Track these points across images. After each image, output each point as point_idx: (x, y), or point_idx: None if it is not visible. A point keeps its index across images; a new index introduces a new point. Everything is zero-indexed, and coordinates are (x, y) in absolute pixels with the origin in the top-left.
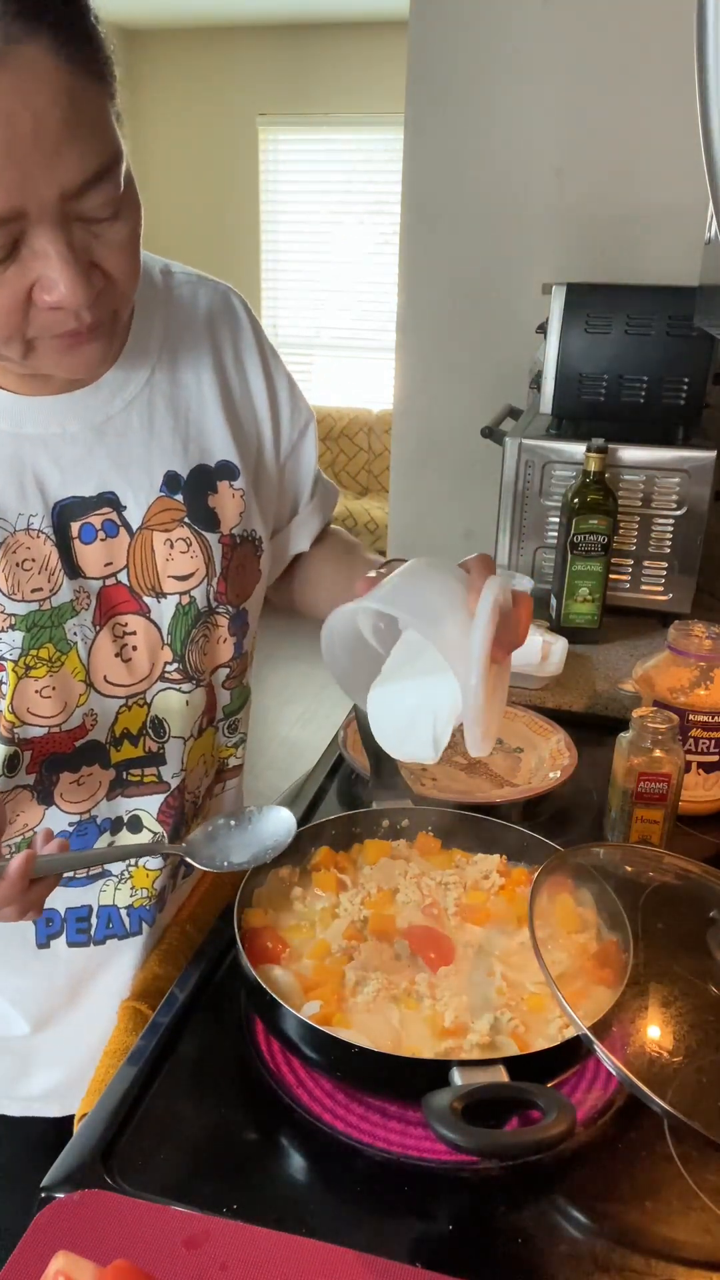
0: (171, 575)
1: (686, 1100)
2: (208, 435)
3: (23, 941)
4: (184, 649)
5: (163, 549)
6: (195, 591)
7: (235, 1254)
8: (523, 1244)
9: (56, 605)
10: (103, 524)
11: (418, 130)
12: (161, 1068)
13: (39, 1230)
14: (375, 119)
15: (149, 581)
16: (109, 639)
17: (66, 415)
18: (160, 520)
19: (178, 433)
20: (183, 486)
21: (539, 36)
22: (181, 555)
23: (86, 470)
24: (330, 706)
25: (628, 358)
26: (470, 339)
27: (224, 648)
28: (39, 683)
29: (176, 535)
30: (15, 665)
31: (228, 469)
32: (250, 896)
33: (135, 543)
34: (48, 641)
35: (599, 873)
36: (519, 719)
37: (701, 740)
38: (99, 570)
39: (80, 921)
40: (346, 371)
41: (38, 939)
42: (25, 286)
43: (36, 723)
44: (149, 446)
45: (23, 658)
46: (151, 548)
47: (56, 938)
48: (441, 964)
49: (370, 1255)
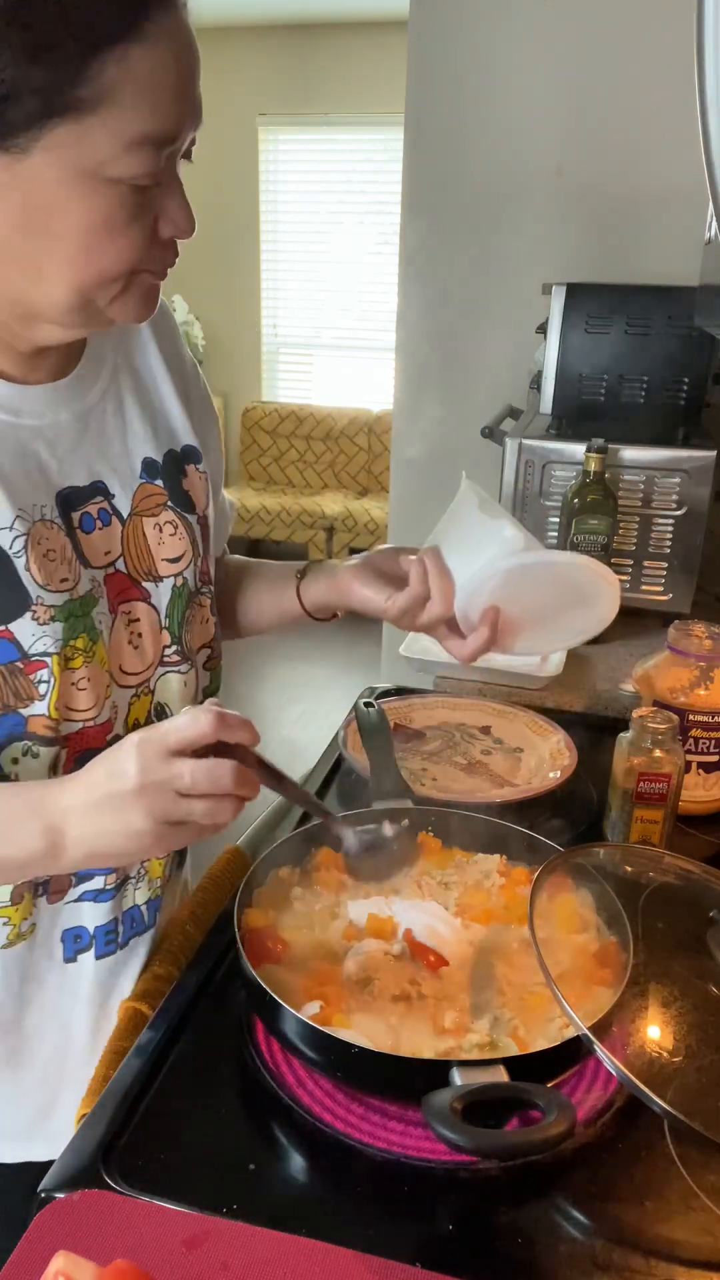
0: (164, 558)
1: (686, 1100)
2: (171, 421)
3: (48, 962)
4: (180, 630)
5: (153, 533)
6: (186, 573)
7: (235, 1254)
8: (523, 1244)
9: (81, 595)
10: (98, 513)
11: (418, 130)
12: (161, 1068)
13: (39, 1230)
14: (375, 119)
15: (145, 566)
16: (122, 627)
17: (57, 405)
18: (146, 506)
19: (146, 420)
20: (160, 472)
21: (538, 37)
22: (171, 538)
23: (78, 460)
24: (330, 706)
25: (628, 358)
26: (470, 339)
27: (207, 627)
28: (76, 674)
29: (164, 519)
30: (58, 657)
31: (192, 453)
32: (250, 896)
33: (128, 530)
34: (82, 631)
35: (599, 873)
36: (519, 719)
37: (701, 740)
38: (101, 560)
39: (109, 935)
40: (346, 371)
41: (65, 956)
42: (153, 219)
43: (75, 718)
44: (124, 435)
45: (63, 648)
46: (143, 533)
47: (85, 952)
48: (441, 965)
49: (370, 1255)
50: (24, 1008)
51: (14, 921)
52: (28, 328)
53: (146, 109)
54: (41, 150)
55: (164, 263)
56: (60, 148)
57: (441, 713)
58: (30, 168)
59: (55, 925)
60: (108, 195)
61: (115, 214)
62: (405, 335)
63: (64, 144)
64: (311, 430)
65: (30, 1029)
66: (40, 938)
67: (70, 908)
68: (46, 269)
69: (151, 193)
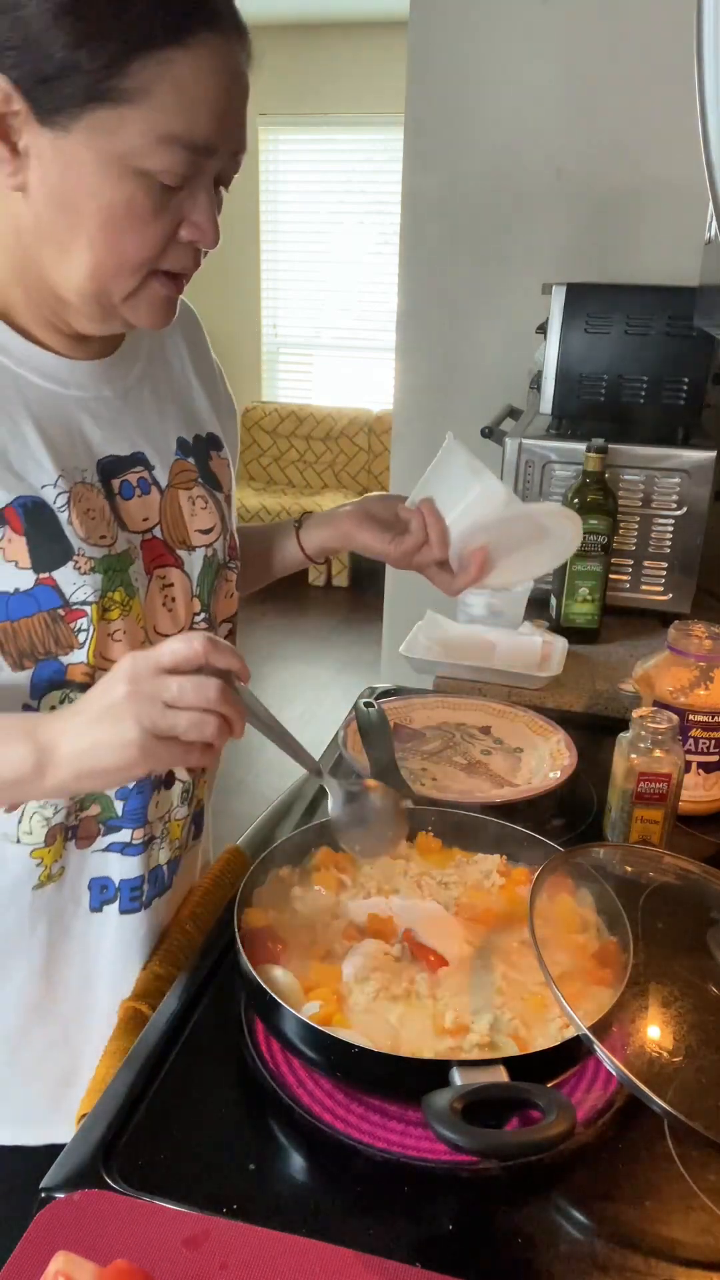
0: (197, 529)
1: (686, 1100)
2: (198, 410)
3: (74, 909)
4: (209, 599)
5: (187, 505)
6: (216, 545)
7: (235, 1254)
8: (523, 1244)
9: (119, 553)
10: (138, 481)
11: (418, 130)
12: (161, 1068)
13: (39, 1230)
14: (375, 119)
15: (180, 535)
16: (157, 590)
17: (101, 381)
18: (181, 480)
19: (177, 405)
20: (191, 450)
21: (538, 37)
22: (202, 511)
23: (119, 432)
24: (330, 706)
25: (628, 358)
26: (470, 339)
27: (231, 602)
28: (113, 625)
29: (196, 494)
30: (96, 607)
31: (216, 440)
32: (250, 896)
33: (165, 500)
34: (119, 586)
35: (599, 873)
36: (519, 719)
37: (701, 740)
38: (139, 525)
39: (134, 890)
40: (346, 371)
41: (91, 905)
42: (178, 220)
43: (110, 669)
44: (160, 414)
45: (101, 599)
46: (179, 504)
47: (111, 904)
48: (441, 965)
49: (370, 1255)
50: (52, 956)
51: (45, 863)
52: (63, 315)
53: (180, 111)
54: (81, 130)
55: (182, 265)
56: (97, 131)
57: (441, 713)
58: (70, 146)
59: (83, 872)
60: (135, 184)
61: (139, 203)
62: (405, 335)
63: (101, 128)
64: (311, 430)
65: (57, 979)
66: (69, 882)
67: (98, 857)
68: (72, 247)
69: (179, 195)
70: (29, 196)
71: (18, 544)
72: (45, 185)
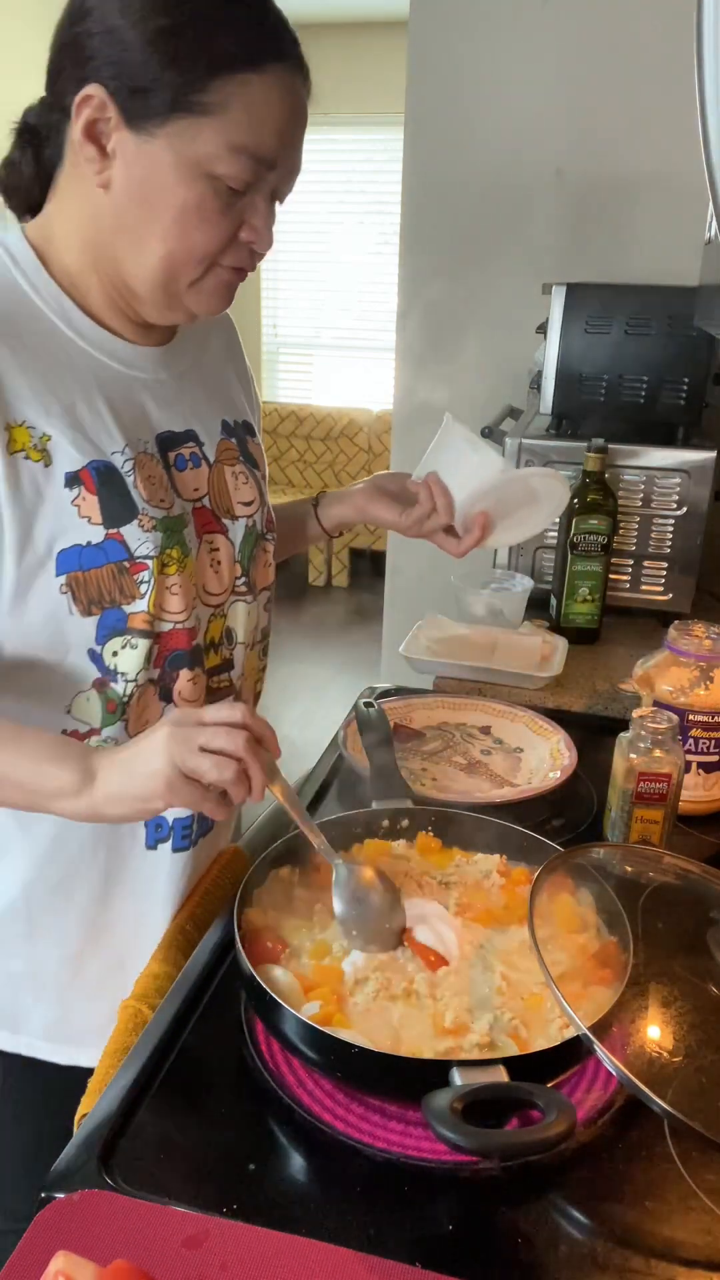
0: (239, 501)
1: (686, 1100)
2: (236, 400)
3: (131, 843)
4: (248, 565)
5: (231, 479)
6: (255, 516)
7: (235, 1254)
8: (523, 1244)
9: (175, 515)
10: (190, 455)
11: (418, 130)
12: (161, 1068)
13: (39, 1230)
14: (375, 119)
15: (225, 505)
16: (205, 553)
17: (159, 365)
18: (226, 457)
19: (219, 393)
20: (233, 432)
21: (538, 36)
22: (244, 485)
23: (174, 411)
24: (330, 706)
25: (628, 358)
26: (470, 339)
27: (268, 571)
28: (170, 579)
29: (238, 470)
30: (156, 562)
31: (250, 428)
32: (250, 896)
33: (213, 473)
34: (176, 544)
35: (599, 873)
36: (519, 719)
37: (701, 740)
38: (190, 494)
39: (185, 829)
40: (346, 371)
41: (147, 842)
42: (239, 222)
43: (167, 619)
44: (208, 399)
45: (160, 554)
46: (224, 478)
47: (164, 842)
48: (441, 964)
49: (370, 1255)
50: (110, 885)
51: None
52: (130, 301)
53: (250, 126)
54: (164, 137)
55: (241, 262)
56: (178, 138)
57: (441, 713)
58: (153, 150)
59: None
60: (206, 186)
61: (209, 203)
62: (405, 335)
63: (181, 135)
64: (311, 430)
65: (114, 908)
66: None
67: None
68: (147, 238)
69: (241, 199)
70: (112, 192)
71: (91, 502)
72: (128, 183)
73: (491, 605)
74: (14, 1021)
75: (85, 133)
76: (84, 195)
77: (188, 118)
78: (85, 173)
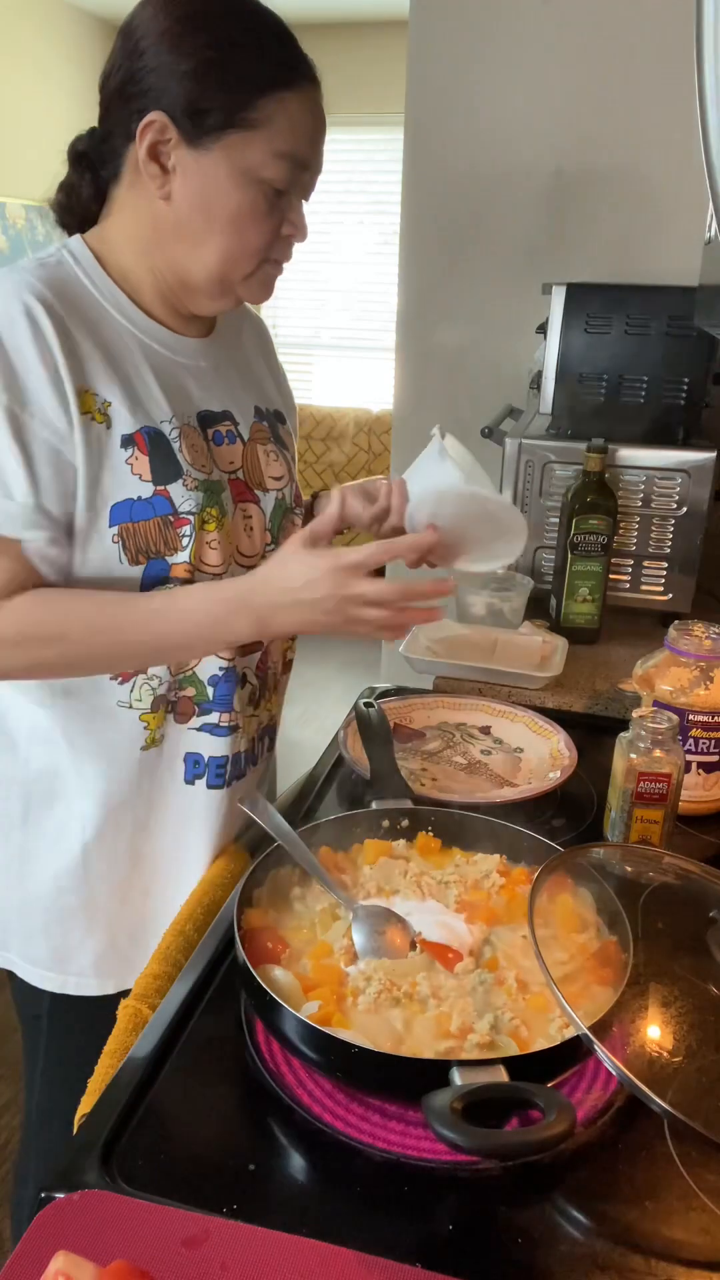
0: (270, 476)
1: (686, 1100)
2: (268, 390)
3: (171, 777)
4: (277, 534)
5: (263, 456)
6: (285, 490)
7: (235, 1254)
8: (523, 1244)
9: (214, 479)
10: (226, 433)
11: (417, 130)
12: (161, 1068)
13: (39, 1230)
14: (375, 119)
15: (257, 479)
16: (240, 518)
17: (199, 354)
18: (258, 437)
19: (254, 383)
20: (265, 417)
21: (538, 36)
22: (275, 462)
23: (213, 393)
24: (330, 706)
25: (628, 358)
26: (470, 339)
27: None
28: (209, 535)
29: (269, 449)
30: (197, 518)
31: (281, 416)
32: (250, 896)
33: (247, 450)
34: (214, 504)
35: (599, 873)
36: (519, 719)
37: (701, 740)
38: (227, 466)
39: (220, 768)
40: (346, 371)
41: (185, 777)
42: (280, 219)
43: (205, 570)
44: (243, 387)
45: (201, 513)
46: (257, 455)
47: (200, 778)
48: (459, 959)
49: (370, 1255)
50: (153, 816)
51: (151, 727)
52: (184, 296)
53: (290, 134)
54: (219, 150)
55: (282, 255)
56: (231, 149)
57: (441, 713)
58: (210, 163)
59: (180, 745)
60: (256, 190)
61: (259, 205)
62: (405, 335)
63: (234, 147)
64: (311, 430)
65: (156, 840)
66: (167, 751)
67: (192, 733)
68: (206, 241)
69: (282, 199)
70: (173, 203)
71: (143, 461)
72: (187, 193)
73: (491, 605)
74: (63, 961)
75: (149, 153)
76: (143, 207)
77: (239, 132)
78: (147, 188)
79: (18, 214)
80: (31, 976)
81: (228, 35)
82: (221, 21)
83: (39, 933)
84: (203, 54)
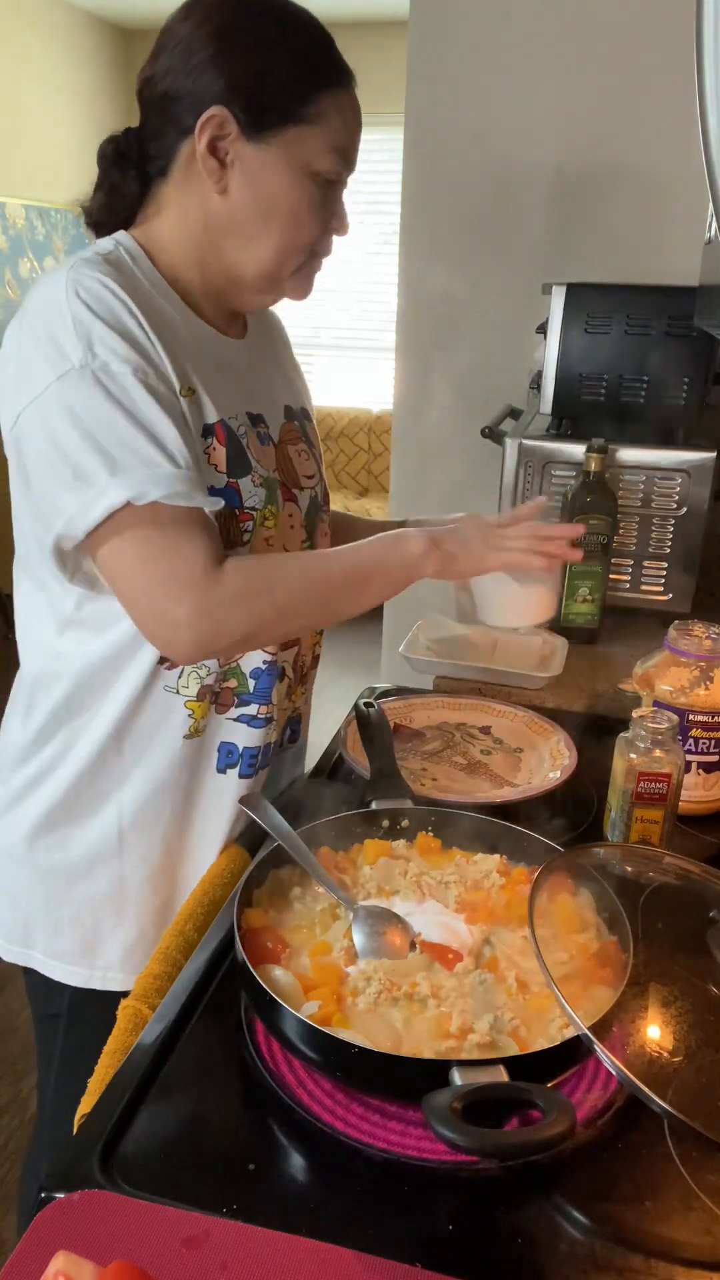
0: (304, 475)
1: (686, 1100)
2: (296, 388)
3: (206, 765)
4: (313, 532)
5: (295, 457)
6: (317, 489)
7: (235, 1254)
8: (522, 1244)
9: (273, 478)
10: (261, 435)
11: (418, 130)
12: (161, 1068)
13: (39, 1230)
14: (375, 119)
15: (293, 479)
16: (285, 516)
17: (238, 354)
18: (289, 437)
19: (284, 382)
20: (295, 416)
21: (539, 36)
22: (306, 461)
23: (254, 395)
24: (330, 706)
25: (628, 358)
26: (470, 339)
27: (326, 540)
28: (268, 531)
29: (300, 448)
30: (259, 514)
31: (308, 414)
32: (250, 896)
33: (280, 452)
34: (272, 503)
35: (599, 873)
36: (519, 719)
37: (701, 740)
38: (270, 468)
39: (252, 758)
40: (346, 371)
41: (218, 765)
42: (329, 214)
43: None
44: (274, 387)
45: (262, 509)
46: (289, 455)
47: (233, 768)
48: (459, 959)
49: (370, 1255)
50: (189, 803)
51: (195, 716)
52: (230, 294)
53: (341, 128)
54: (277, 145)
55: (326, 250)
56: (288, 145)
57: (441, 713)
58: (268, 156)
59: (217, 734)
60: (311, 182)
61: (313, 197)
62: (405, 335)
63: (291, 142)
64: None
65: (190, 828)
66: (207, 739)
67: (229, 724)
68: (261, 234)
69: (332, 191)
70: (229, 196)
71: (220, 452)
72: (245, 186)
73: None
74: (91, 954)
75: (209, 147)
76: (194, 203)
77: (297, 126)
78: (201, 184)
79: (17, 214)
80: (55, 972)
81: (283, 33)
82: (275, 21)
83: (68, 924)
84: (263, 51)
